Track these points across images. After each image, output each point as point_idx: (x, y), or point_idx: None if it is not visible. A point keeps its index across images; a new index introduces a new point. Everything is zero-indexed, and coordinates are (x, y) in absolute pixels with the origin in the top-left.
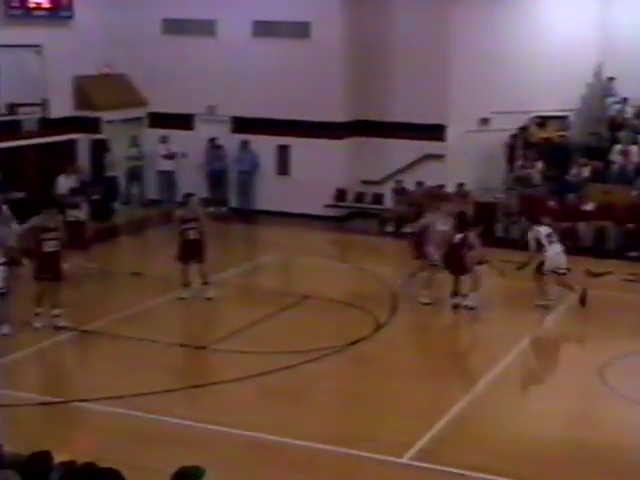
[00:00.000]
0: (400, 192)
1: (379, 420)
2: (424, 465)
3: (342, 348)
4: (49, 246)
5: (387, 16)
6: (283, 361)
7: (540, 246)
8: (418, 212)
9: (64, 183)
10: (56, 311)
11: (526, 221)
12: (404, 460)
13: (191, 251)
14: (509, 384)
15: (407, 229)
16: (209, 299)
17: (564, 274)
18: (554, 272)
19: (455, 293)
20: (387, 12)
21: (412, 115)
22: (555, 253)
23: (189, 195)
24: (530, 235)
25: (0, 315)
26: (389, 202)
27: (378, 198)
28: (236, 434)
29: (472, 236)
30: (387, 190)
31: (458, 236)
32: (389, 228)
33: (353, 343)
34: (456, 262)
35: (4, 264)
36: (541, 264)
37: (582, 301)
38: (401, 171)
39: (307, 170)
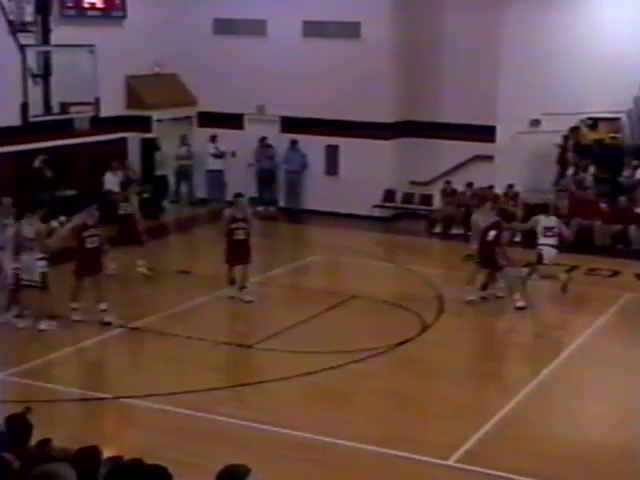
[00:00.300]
0: (449, 193)
1: (425, 421)
2: (470, 468)
3: (388, 349)
4: (90, 242)
5: (437, 16)
6: (329, 361)
7: (534, 236)
8: (467, 213)
9: (111, 180)
10: (102, 306)
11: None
12: (450, 462)
13: (239, 252)
14: (557, 387)
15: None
16: (249, 302)
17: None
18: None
19: (485, 286)
20: (437, 12)
21: (461, 116)
22: (545, 245)
23: (238, 195)
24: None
25: (40, 311)
26: (437, 203)
27: (426, 199)
28: (281, 433)
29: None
30: (436, 191)
31: (492, 233)
32: (437, 229)
33: (399, 344)
34: (489, 257)
35: (43, 259)
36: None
37: (564, 288)
38: (450, 172)
39: (355, 170)
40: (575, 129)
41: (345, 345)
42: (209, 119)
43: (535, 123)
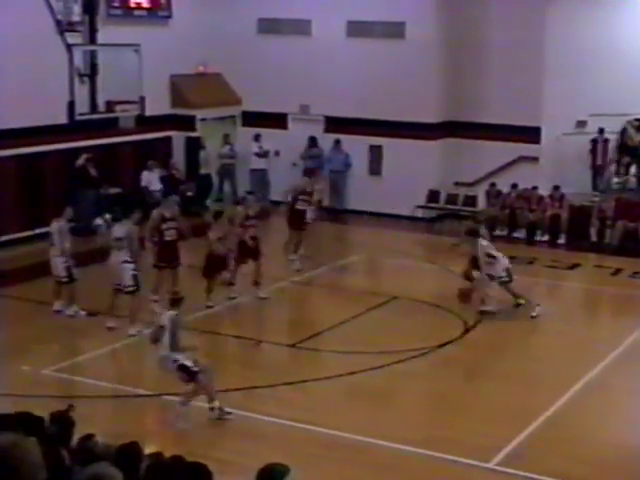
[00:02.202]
0: (493, 194)
1: (466, 423)
2: (512, 471)
3: (430, 350)
4: (169, 235)
5: (482, 15)
6: (371, 361)
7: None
8: (511, 215)
9: (147, 177)
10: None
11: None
12: (491, 465)
13: (249, 251)
14: (601, 390)
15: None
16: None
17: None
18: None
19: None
20: (482, 11)
21: (506, 116)
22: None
23: (250, 193)
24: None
25: (131, 314)
26: (482, 204)
27: (470, 200)
28: (322, 433)
29: None
30: (480, 192)
31: None
32: None
33: (441, 345)
34: None
35: (130, 262)
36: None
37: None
38: (495, 173)
39: (399, 171)
40: (623, 131)
41: (387, 346)
42: (253, 118)
43: (581, 124)
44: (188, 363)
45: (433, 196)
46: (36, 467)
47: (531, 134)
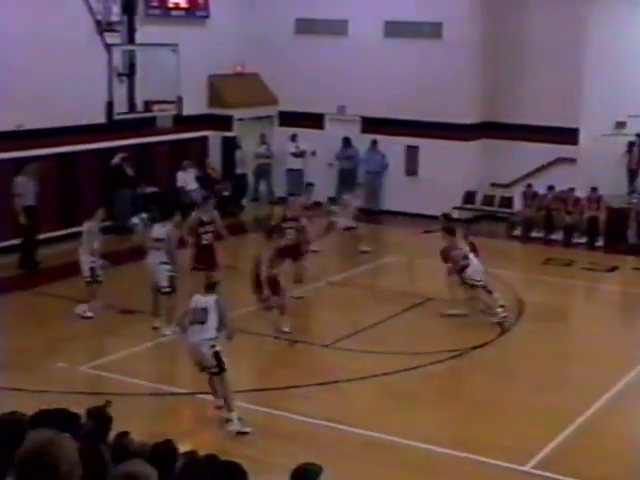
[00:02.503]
0: (530, 196)
1: (501, 426)
2: (546, 474)
3: (464, 352)
4: (205, 239)
5: (520, 15)
6: (405, 362)
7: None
8: (548, 216)
9: (182, 177)
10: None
11: None
12: (526, 468)
13: (289, 250)
14: (637, 395)
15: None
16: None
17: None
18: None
19: None
20: (520, 11)
21: (544, 117)
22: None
23: (291, 195)
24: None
25: (167, 315)
26: (518, 205)
27: (507, 201)
28: (355, 433)
29: None
30: (516, 193)
31: None
32: (517, 232)
33: (476, 347)
34: None
35: (167, 263)
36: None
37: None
38: (531, 174)
39: (435, 171)
40: None
41: (421, 347)
42: (289, 118)
43: (620, 125)
44: (223, 357)
45: (469, 197)
46: (73, 463)
47: (569, 135)
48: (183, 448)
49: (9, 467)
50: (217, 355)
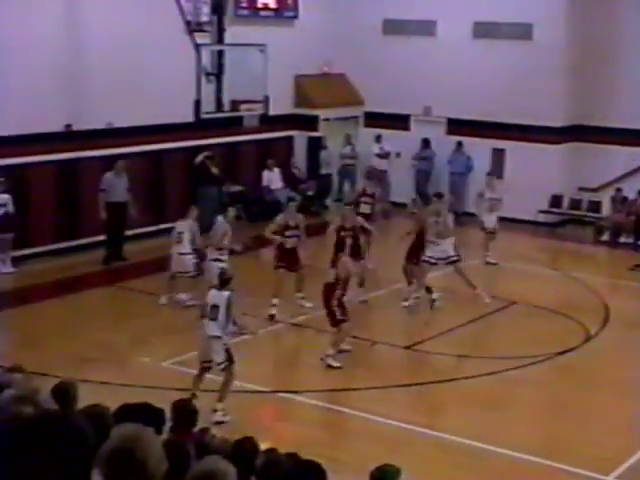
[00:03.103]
0: (619, 201)
1: (585, 434)
2: None
3: (549, 357)
4: (290, 243)
5: (613, 16)
6: (487, 366)
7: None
8: (637, 222)
9: (268, 176)
10: (299, 295)
11: None
12: (610, 478)
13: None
14: None
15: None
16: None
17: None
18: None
19: None
20: (614, 12)
21: (636, 120)
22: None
23: (347, 204)
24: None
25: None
26: (606, 210)
27: (595, 206)
28: (435, 436)
29: None
30: (605, 198)
31: None
32: (605, 237)
33: (561, 353)
34: None
35: (219, 260)
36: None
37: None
38: (621, 179)
39: (522, 174)
40: None
41: (504, 351)
42: (375, 119)
43: None
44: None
45: (556, 201)
46: (160, 459)
47: None
48: (263, 446)
49: (94, 459)
50: (228, 352)
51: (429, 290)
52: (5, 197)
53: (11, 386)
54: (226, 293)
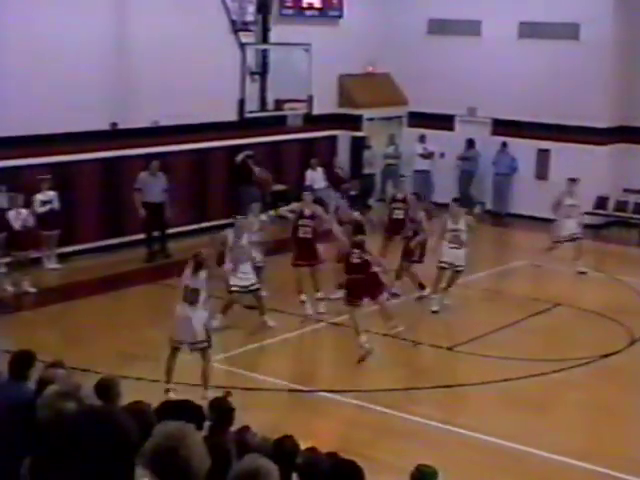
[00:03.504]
0: None
1: (628, 438)
2: None
3: (592, 360)
4: (303, 232)
5: None
6: (529, 368)
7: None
8: None
9: (312, 176)
10: (319, 295)
11: None
12: None
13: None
14: None
15: None
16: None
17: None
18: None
19: None
20: None
21: None
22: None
23: (414, 194)
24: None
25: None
26: None
27: None
28: (476, 438)
29: None
30: None
31: None
32: None
33: (605, 356)
34: None
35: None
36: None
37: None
38: None
39: (567, 175)
40: None
41: (547, 353)
42: (419, 119)
43: None
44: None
45: (601, 202)
46: (203, 457)
47: None
48: (303, 445)
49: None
50: (207, 332)
51: (422, 286)
52: (51, 194)
53: (54, 382)
54: (203, 275)
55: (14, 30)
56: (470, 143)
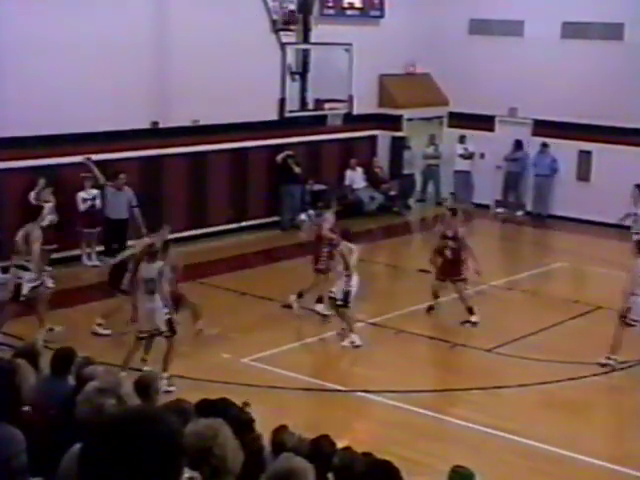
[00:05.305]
0: None
1: None
2: None
3: (633, 364)
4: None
5: None
6: (569, 371)
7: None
8: None
9: (351, 176)
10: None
11: None
12: None
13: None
14: None
15: None
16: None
17: None
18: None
19: None
20: None
21: None
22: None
23: (452, 194)
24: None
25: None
26: None
27: None
28: (514, 440)
29: None
30: None
31: None
32: None
33: None
34: None
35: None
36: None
37: None
38: None
39: (608, 177)
40: None
41: (587, 357)
42: (459, 119)
43: None
44: (174, 320)
45: None
46: (237, 453)
47: None
48: (340, 444)
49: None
50: (170, 321)
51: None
52: (94, 192)
53: (94, 378)
54: (157, 265)
55: (61, 30)
56: (518, 144)
